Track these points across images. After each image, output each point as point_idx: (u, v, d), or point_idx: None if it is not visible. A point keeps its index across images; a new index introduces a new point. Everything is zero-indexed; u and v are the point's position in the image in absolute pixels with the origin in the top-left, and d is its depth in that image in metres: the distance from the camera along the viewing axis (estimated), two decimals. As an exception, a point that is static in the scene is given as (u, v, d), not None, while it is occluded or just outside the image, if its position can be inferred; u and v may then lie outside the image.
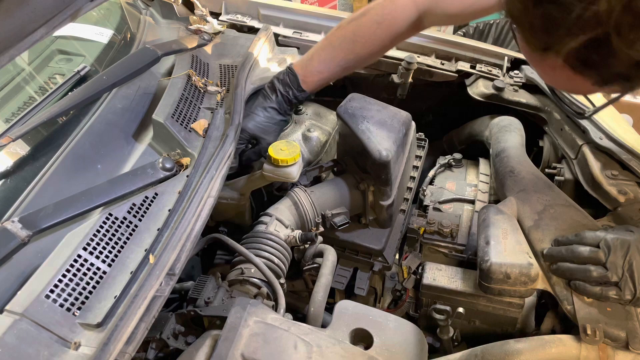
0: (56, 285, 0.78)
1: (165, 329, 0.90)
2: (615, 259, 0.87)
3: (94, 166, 1.04)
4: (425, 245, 1.29)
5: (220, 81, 1.35)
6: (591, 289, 0.90)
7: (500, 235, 1.04)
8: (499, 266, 0.99)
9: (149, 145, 1.11)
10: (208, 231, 1.10)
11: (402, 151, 1.23)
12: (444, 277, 1.15)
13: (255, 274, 1.04)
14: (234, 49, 1.51)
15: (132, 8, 1.56)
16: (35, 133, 1.06)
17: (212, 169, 1.01)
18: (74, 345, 0.74)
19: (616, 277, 0.87)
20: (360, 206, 1.22)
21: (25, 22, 0.77)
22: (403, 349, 0.89)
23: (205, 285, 1.00)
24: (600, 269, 0.89)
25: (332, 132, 1.56)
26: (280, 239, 1.12)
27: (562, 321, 1.03)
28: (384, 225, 1.25)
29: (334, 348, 0.84)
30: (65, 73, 1.25)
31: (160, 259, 0.84)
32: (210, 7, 1.65)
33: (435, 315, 1.14)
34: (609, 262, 0.88)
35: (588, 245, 0.92)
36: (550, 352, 0.92)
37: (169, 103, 1.13)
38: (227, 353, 0.78)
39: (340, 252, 1.24)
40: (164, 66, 1.34)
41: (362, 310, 0.96)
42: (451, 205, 1.38)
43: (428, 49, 1.63)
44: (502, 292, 1.02)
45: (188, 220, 0.91)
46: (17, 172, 1.00)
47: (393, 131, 1.17)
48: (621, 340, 0.90)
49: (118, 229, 0.89)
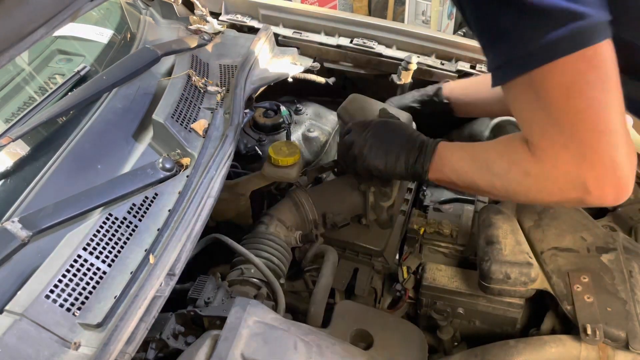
0: (56, 286, 0.78)
1: (165, 329, 0.90)
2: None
3: (94, 166, 1.04)
4: (425, 245, 1.29)
5: (220, 81, 1.35)
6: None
7: (500, 235, 1.04)
8: (499, 266, 0.99)
9: (149, 146, 1.11)
10: (208, 231, 1.10)
11: (402, 151, 1.23)
12: (444, 277, 1.15)
13: (255, 274, 1.04)
14: (234, 49, 1.51)
15: (132, 8, 1.56)
16: (35, 133, 1.06)
17: (212, 169, 1.01)
18: (74, 346, 0.74)
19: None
20: (361, 207, 1.22)
21: (25, 22, 0.77)
22: (403, 349, 0.89)
23: (205, 285, 1.00)
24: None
25: (332, 132, 1.56)
26: (281, 240, 1.12)
27: (562, 321, 1.03)
28: (385, 226, 1.25)
29: (334, 348, 0.84)
30: (65, 73, 1.25)
31: (160, 259, 0.84)
32: (210, 7, 1.65)
33: (435, 315, 1.14)
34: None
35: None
36: (550, 352, 0.92)
37: (169, 103, 1.13)
38: (227, 353, 0.78)
39: (340, 253, 1.24)
40: (164, 66, 1.34)
41: (362, 310, 0.96)
42: (451, 206, 1.38)
43: (428, 49, 1.63)
44: (502, 292, 1.02)
45: (188, 220, 0.91)
46: (17, 172, 1.00)
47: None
48: (621, 340, 0.90)
49: (118, 229, 0.89)
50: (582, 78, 0.68)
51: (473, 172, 0.90)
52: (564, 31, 0.66)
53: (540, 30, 0.67)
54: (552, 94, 0.70)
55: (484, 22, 0.75)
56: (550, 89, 0.70)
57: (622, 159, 0.70)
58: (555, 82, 0.69)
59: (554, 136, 0.73)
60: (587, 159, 0.71)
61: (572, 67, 0.68)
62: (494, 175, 0.85)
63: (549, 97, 0.71)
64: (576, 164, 0.72)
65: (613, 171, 0.71)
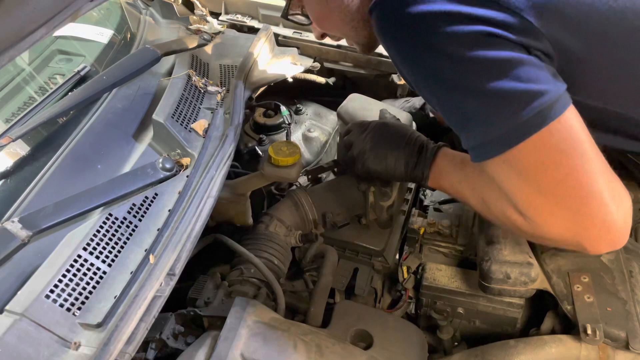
0: (56, 285, 0.78)
1: (165, 329, 0.90)
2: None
3: (94, 166, 1.04)
4: (425, 245, 1.29)
5: (220, 81, 1.35)
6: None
7: (501, 235, 1.04)
8: (499, 266, 0.99)
9: (149, 145, 1.11)
10: (208, 231, 1.10)
11: (402, 151, 1.23)
12: (444, 277, 1.15)
13: (255, 274, 1.04)
14: (234, 49, 1.51)
15: (132, 8, 1.56)
16: (35, 133, 1.06)
17: (212, 169, 1.01)
18: (74, 345, 0.74)
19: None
20: (361, 207, 1.22)
21: (25, 22, 0.77)
22: (403, 349, 0.89)
23: (205, 285, 1.00)
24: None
25: (332, 132, 1.56)
26: (281, 239, 1.12)
27: (562, 321, 1.03)
28: (385, 226, 1.25)
29: (334, 348, 0.84)
30: (65, 73, 1.25)
31: (160, 259, 0.84)
32: (210, 7, 1.65)
33: (435, 315, 1.14)
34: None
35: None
36: (550, 352, 0.92)
37: (169, 103, 1.13)
38: (227, 353, 0.78)
39: (340, 253, 1.24)
40: (164, 66, 1.34)
41: (362, 310, 0.96)
42: (451, 206, 1.38)
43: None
44: (502, 292, 1.02)
45: (188, 220, 0.91)
46: (17, 172, 1.00)
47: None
48: (621, 340, 0.90)
49: (118, 229, 0.89)
50: (556, 149, 0.69)
51: (470, 200, 0.90)
52: (529, 111, 0.67)
53: (505, 114, 0.69)
54: (529, 169, 0.71)
55: (449, 109, 0.76)
56: (527, 165, 0.71)
57: (613, 216, 0.70)
58: (530, 158, 0.70)
59: (540, 206, 0.73)
60: (577, 224, 0.71)
61: (543, 142, 0.69)
62: (491, 214, 0.85)
63: (527, 172, 0.71)
64: (568, 229, 0.72)
65: (607, 231, 0.71)
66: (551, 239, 0.76)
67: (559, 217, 0.72)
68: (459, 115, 0.75)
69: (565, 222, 0.72)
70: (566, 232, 0.73)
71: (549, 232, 0.75)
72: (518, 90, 0.67)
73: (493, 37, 0.68)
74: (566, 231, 0.73)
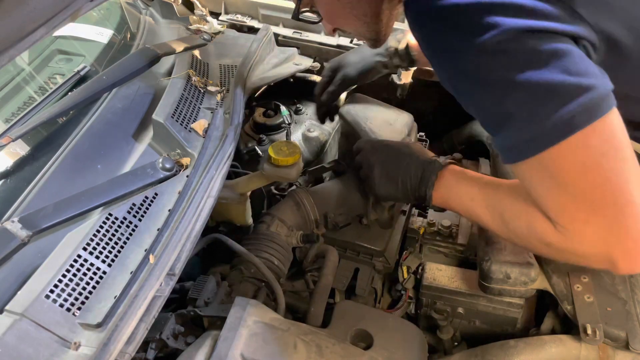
0: (56, 285, 0.78)
1: (165, 329, 0.90)
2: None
3: (94, 166, 1.04)
4: (425, 245, 1.30)
5: (220, 81, 1.35)
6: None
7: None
8: (499, 266, 0.99)
9: (149, 145, 1.11)
10: (208, 231, 1.10)
11: (402, 151, 1.23)
12: (444, 277, 1.15)
13: (255, 274, 1.04)
14: (234, 49, 1.51)
15: (132, 8, 1.56)
16: (35, 133, 1.06)
17: (212, 169, 1.01)
18: (74, 346, 0.74)
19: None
20: (362, 207, 1.22)
21: (25, 22, 0.77)
22: (403, 349, 0.89)
23: (205, 285, 1.00)
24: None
25: (332, 132, 1.56)
26: (281, 239, 1.12)
27: (562, 321, 1.03)
28: (386, 226, 1.25)
29: (334, 348, 0.84)
30: (65, 73, 1.25)
31: (160, 259, 0.84)
32: (210, 7, 1.65)
33: (435, 315, 1.14)
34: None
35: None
36: (550, 352, 0.93)
37: (169, 103, 1.13)
38: (227, 353, 0.78)
39: (341, 253, 1.24)
40: (164, 66, 1.34)
41: (362, 310, 0.96)
42: (451, 206, 1.38)
43: (428, 49, 1.63)
44: (502, 292, 1.02)
45: (188, 220, 0.91)
46: (17, 172, 1.00)
47: (396, 132, 1.17)
48: (621, 340, 0.90)
49: (118, 229, 0.89)
50: (597, 151, 0.65)
51: (484, 217, 0.85)
52: (575, 106, 0.63)
53: (551, 108, 0.65)
54: (567, 171, 0.67)
55: (487, 107, 0.72)
56: (565, 166, 0.67)
57: None
58: (570, 159, 0.66)
59: (575, 213, 0.69)
60: (613, 235, 0.67)
61: (585, 141, 0.65)
62: (509, 231, 0.80)
63: (564, 175, 0.67)
64: (602, 240, 0.68)
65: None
66: (581, 252, 0.71)
67: (594, 224, 0.67)
68: (498, 113, 0.70)
69: (600, 231, 0.67)
70: (599, 243, 0.68)
71: (580, 243, 0.70)
72: (567, 83, 0.64)
73: (539, 27, 0.64)
74: (599, 242, 0.68)
